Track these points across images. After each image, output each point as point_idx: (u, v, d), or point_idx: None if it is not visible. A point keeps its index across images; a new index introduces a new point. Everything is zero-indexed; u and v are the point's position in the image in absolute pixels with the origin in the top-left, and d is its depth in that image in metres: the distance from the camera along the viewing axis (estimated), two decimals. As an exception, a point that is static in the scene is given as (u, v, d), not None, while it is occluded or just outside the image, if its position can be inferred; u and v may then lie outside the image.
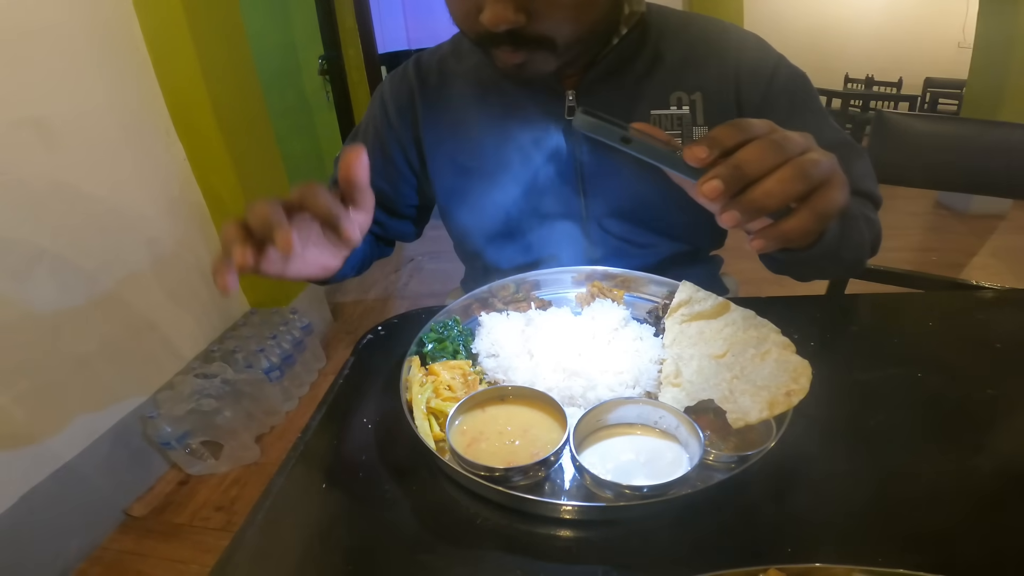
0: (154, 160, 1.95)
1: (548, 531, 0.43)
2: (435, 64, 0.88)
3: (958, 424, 0.52)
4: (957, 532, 0.41)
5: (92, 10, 1.76)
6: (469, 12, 0.65)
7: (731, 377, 0.51)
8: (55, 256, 1.59)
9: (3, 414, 1.45)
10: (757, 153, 0.43)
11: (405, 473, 0.49)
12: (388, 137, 0.89)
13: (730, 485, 0.44)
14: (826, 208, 0.45)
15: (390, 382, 0.56)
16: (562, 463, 0.48)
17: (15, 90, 1.53)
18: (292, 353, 2.19)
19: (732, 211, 0.44)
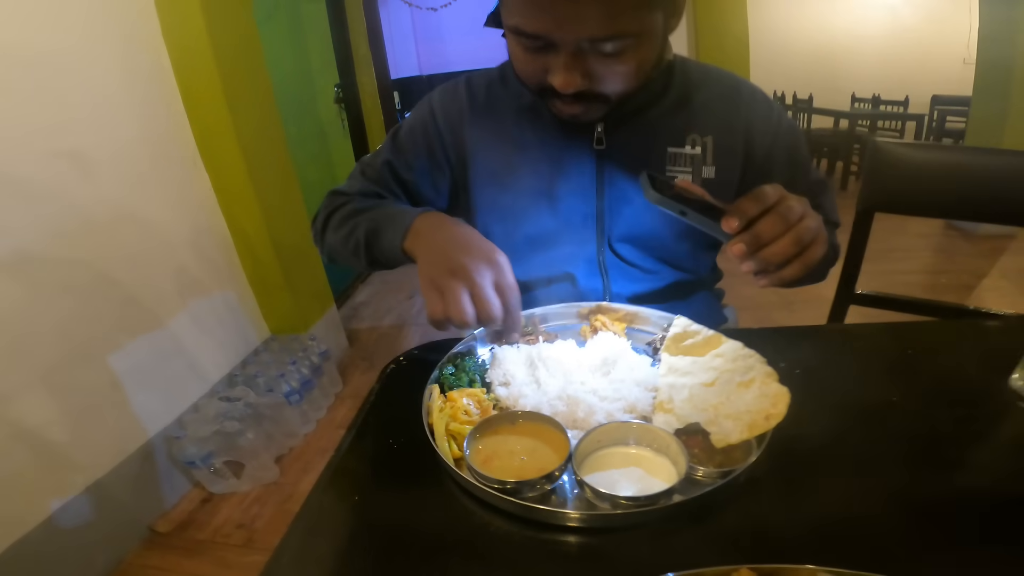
0: (182, 191, 2.05)
1: (552, 537, 0.50)
2: (484, 87, 0.98)
3: (926, 445, 0.58)
4: (920, 542, 0.47)
5: (125, 45, 1.85)
6: (536, 72, 0.76)
7: (717, 403, 0.57)
8: (89, 284, 1.69)
9: (41, 433, 1.53)
10: (769, 226, 0.59)
11: (427, 487, 0.56)
12: (436, 142, 0.97)
13: (714, 497, 0.50)
14: (810, 261, 0.61)
15: (413, 407, 0.63)
16: (565, 478, 0.54)
17: (54, 122, 1.62)
18: (311, 378, 2.27)
19: (750, 262, 0.60)
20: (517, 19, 0.71)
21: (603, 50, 0.70)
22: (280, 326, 2.48)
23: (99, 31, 1.77)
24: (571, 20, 0.67)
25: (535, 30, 0.70)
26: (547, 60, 0.73)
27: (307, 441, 2.21)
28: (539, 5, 0.67)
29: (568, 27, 0.68)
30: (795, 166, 0.94)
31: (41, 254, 1.55)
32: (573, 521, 0.50)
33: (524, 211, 0.94)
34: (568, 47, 0.70)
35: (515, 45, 0.76)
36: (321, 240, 0.99)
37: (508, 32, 0.75)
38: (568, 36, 0.69)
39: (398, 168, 0.96)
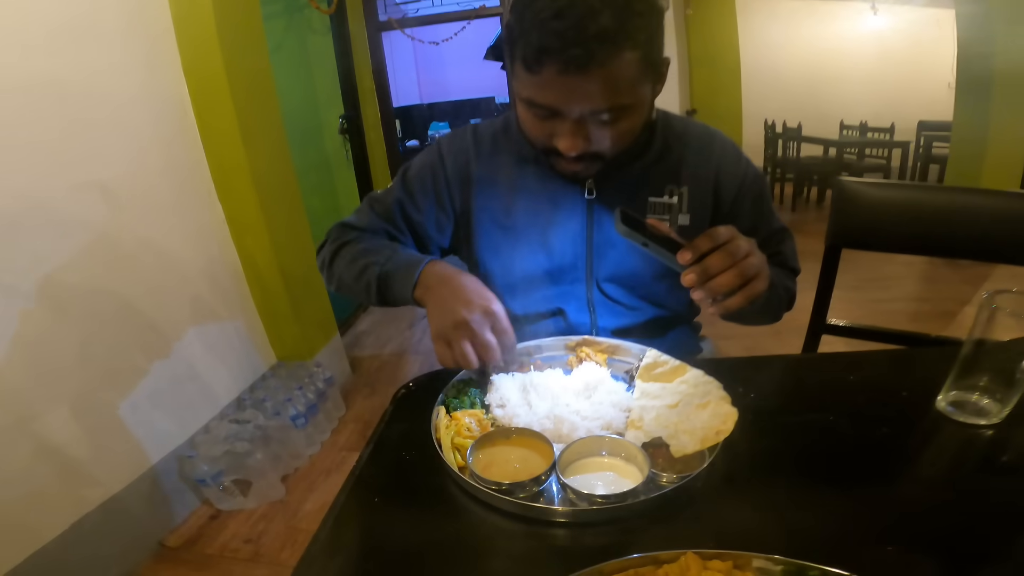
0: (198, 222, 2.15)
1: (539, 530, 0.60)
2: (489, 136, 1.08)
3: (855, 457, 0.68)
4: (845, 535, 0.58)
5: (149, 80, 1.96)
6: (543, 135, 0.88)
7: (678, 421, 0.69)
8: (113, 311, 1.79)
9: (64, 450, 1.62)
10: (717, 260, 0.70)
11: (436, 491, 0.67)
12: (442, 186, 1.07)
13: (673, 496, 0.61)
14: (752, 294, 0.73)
15: (422, 425, 0.73)
16: (551, 482, 0.65)
17: (85, 154, 1.72)
18: (316, 402, 2.37)
19: (699, 292, 0.72)
20: (529, 92, 0.82)
21: (602, 119, 0.83)
22: (286, 353, 2.57)
23: (126, 65, 1.88)
24: (577, 96, 0.79)
25: (545, 103, 0.82)
26: (553, 126, 0.85)
27: (312, 462, 2.30)
28: (550, 83, 0.79)
29: (574, 102, 0.80)
30: (759, 214, 1.05)
31: (71, 282, 1.65)
32: (557, 516, 0.61)
33: (521, 252, 1.05)
34: (573, 116, 0.82)
35: (525, 111, 0.87)
36: (329, 270, 1.07)
37: (520, 101, 0.87)
38: (574, 109, 0.81)
39: (407, 208, 1.07)
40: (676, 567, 0.51)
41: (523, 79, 0.82)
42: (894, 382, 0.83)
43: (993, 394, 0.71)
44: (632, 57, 0.77)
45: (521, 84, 0.84)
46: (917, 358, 0.93)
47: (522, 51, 0.79)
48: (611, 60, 0.76)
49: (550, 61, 0.76)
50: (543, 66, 0.77)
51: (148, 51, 1.98)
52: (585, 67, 0.75)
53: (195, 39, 2.08)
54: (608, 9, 0.74)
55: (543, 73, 0.78)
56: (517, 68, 0.82)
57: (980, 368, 0.71)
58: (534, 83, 0.80)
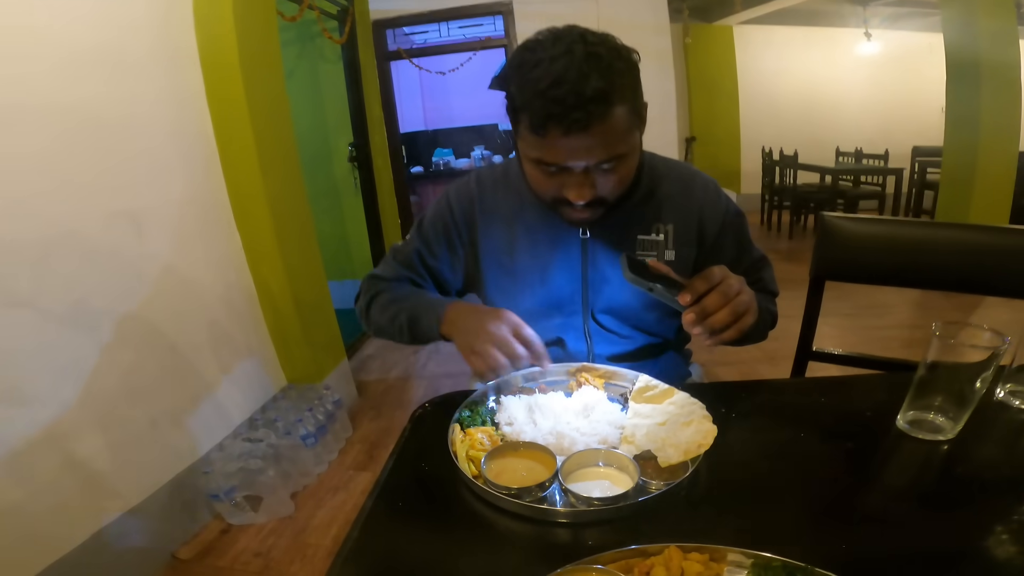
0: (217, 250, 2.25)
1: (544, 529, 0.70)
2: (491, 183, 1.18)
3: (820, 467, 0.78)
4: (809, 534, 0.67)
5: (177, 111, 2.07)
6: (552, 189, 0.98)
7: (665, 436, 0.78)
8: (139, 334, 1.89)
9: (89, 463, 1.70)
10: (713, 300, 0.81)
11: (452, 497, 0.76)
12: (453, 233, 1.18)
13: (660, 500, 0.70)
14: (743, 327, 0.84)
15: (439, 439, 0.83)
16: (555, 488, 0.75)
17: (118, 183, 1.82)
18: (325, 423, 2.46)
19: (698, 328, 0.82)
20: (538, 153, 0.92)
21: (604, 168, 0.93)
22: (297, 376, 2.67)
23: (156, 95, 2.00)
24: (581, 152, 0.90)
25: (554, 161, 0.92)
26: (561, 180, 0.95)
27: (320, 480, 2.38)
28: (556, 144, 0.89)
29: (579, 157, 0.91)
30: (740, 246, 1.16)
31: (100, 306, 1.76)
32: (559, 517, 0.70)
33: (523, 288, 1.15)
34: (578, 169, 0.93)
35: (533, 169, 0.97)
36: (367, 319, 1.20)
37: (527, 161, 0.97)
38: (580, 163, 0.92)
39: (426, 257, 1.18)
40: (661, 558, 0.60)
41: (531, 142, 0.92)
42: (860, 403, 0.93)
43: (946, 413, 0.81)
44: (622, 111, 0.88)
45: (529, 146, 0.93)
46: (882, 382, 1.03)
47: (529, 119, 0.88)
48: (606, 117, 0.86)
49: (555, 125, 0.85)
50: (549, 131, 0.87)
51: (176, 81, 2.10)
52: (586, 127, 0.85)
53: (219, 69, 2.20)
54: (595, 72, 0.83)
55: (549, 136, 0.87)
56: (524, 132, 0.92)
57: (934, 390, 0.81)
58: (542, 145, 0.90)
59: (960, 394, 0.79)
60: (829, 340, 1.41)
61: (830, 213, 1.40)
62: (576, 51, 0.85)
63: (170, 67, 2.09)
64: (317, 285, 2.71)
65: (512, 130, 0.99)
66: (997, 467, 0.78)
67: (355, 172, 4.18)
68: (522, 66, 0.89)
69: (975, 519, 0.67)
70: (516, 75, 0.90)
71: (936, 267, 1.31)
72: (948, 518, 0.68)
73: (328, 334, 2.86)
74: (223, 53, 2.19)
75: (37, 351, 1.58)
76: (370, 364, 3.59)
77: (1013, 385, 0.89)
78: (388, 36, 4.56)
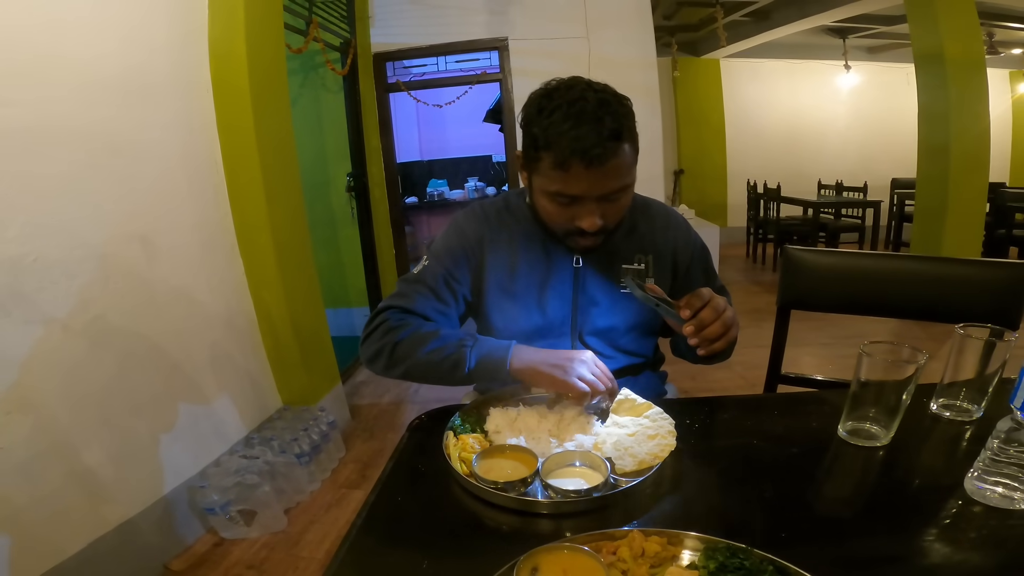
0: (220, 275, 2.33)
1: (527, 519, 0.80)
2: (495, 213, 1.28)
3: (768, 469, 0.89)
4: (756, 523, 0.77)
5: (190, 136, 2.17)
6: (565, 220, 1.10)
7: (628, 446, 0.89)
8: (145, 352, 1.97)
9: (91, 473, 1.76)
10: (708, 314, 0.97)
11: (444, 492, 0.87)
12: (470, 254, 1.25)
13: (627, 494, 0.81)
14: (731, 337, 1.01)
15: (433, 445, 0.94)
16: (536, 483, 0.85)
17: (133, 208, 1.91)
18: (319, 443, 2.52)
19: (695, 339, 0.97)
20: (558, 187, 1.05)
21: (611, 198, 1.07)
22: (293, 398, 2.74)
23: (171, 122, 2.10)
24: (598, 183, 1.04)
25: (574, 192, 1.05)
26: (574, 211, 1.08)
27: (313, 497, 2.44)
28: (577, 177, 1.02)
29: (596, 188, 1.04)
30: (707, 275, 1.30)
31: (111, 324, 1.84)
32: (540, 508, 0.81)
33: (521, 310, 1.26)
34: (592, 200, 1.06)
35: (549, 203, 1.10)
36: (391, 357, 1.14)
37: (545, 194, 1.09)
38: (594, 193, 1.05)
39: (451, 280, 1.24)
40: (626, 541, 0.70)
41: (552, 177, 1.04)
42: (808, 416, 1.06)
43: (879, 422, 0.92)
44: (628, 147, 1.04)
45: (550, 181, 1.06)
46: (829, 397, 1.14)
47: (553, 157, 1.01)
48: (619, 152, 1.02)
49: (577, 161, 1.00)
50: (572, 166, 1.00)
51: (189, 109, 2.20)
52: (604, 161, 1.00)
53: (230, 99, 2.30)
54: (607, 115, 1.00)
55: (572, 171, 1.01)
56: (544, 170, 1.05)
57: (866, 403, 0.92)
58: (564, 179, 1.03)
59: (889, 405, 0.90)
60: (808, 368, 1.53)
61: (792, 246, 1.51)
62: (589, 97, 1.01)
63: (185, 95, 2.18)
64: (315, 312, 2.80)
65: (526, 168, 1.12)
66: (930, 471, 0.90)
67: (352, 202, 4.25)
68: (542, 112, 1.03)
69: (908, 516, 0.77)
70: (538, 119, 1.04)
71: (891, 295, 1.43)
72: (883, 515, 0.78)
73: (324, 359, 2.93)
74: (235, 83, 2.29)
75: (50, 364, 1.66)
76: (363, 389, 3.67)
77: (945, 399, 1.01)
78: (388, 68, 4.69)
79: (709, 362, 1.22)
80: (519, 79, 4.40)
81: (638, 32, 4.45)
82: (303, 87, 4.09)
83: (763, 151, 8.13)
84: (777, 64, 7.99)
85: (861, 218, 6.09)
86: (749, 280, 6.15)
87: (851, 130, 8.18)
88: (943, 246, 4.41)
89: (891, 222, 6.44)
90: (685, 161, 8.14)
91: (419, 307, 1.20)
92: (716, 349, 0.99)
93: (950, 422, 0.99)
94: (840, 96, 8.13)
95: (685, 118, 8.11)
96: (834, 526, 0.77)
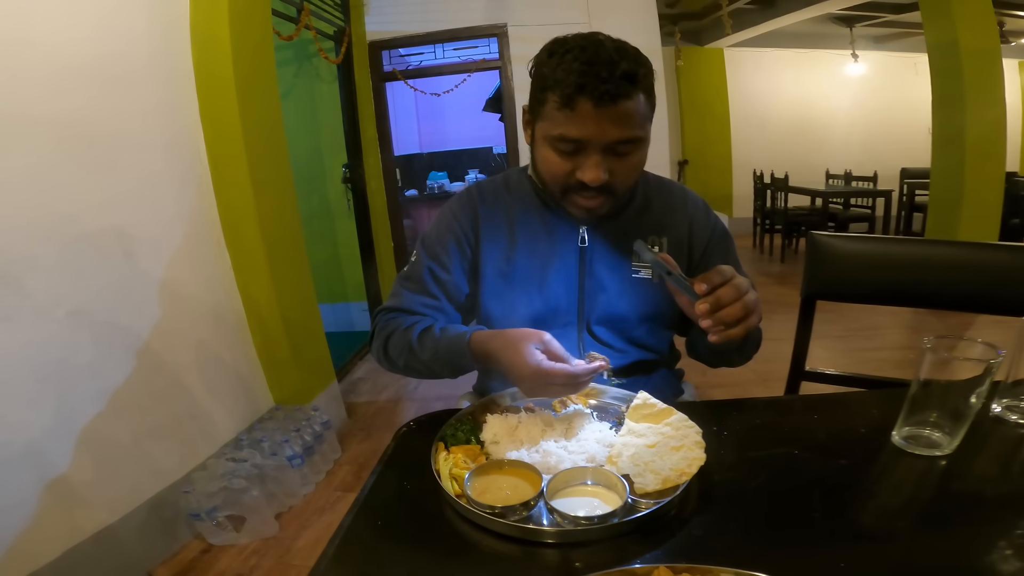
0: (205, 269, 2.23)
1: (530, 549, 0.67)
2: (491, 192, 1.19)
3: (815, 485, 0.75)
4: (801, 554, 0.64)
5: (170, 125, 2.07)
6: (566, 172, 1.00)
7: (649, 460, 0.76)
8: (124, 349, 1.87)
9: (66, 478, 1.67)
10: (727, 292, 0.83)
11: (434, 515, 0.73)
12: (462, 240, 1.16)
13: (649, 519, 0.67)
14: (750, 326, 0.85)
15: (422, 458, 0.80)
16: (541, 506, 0.72)
17: (106, 198, 1.81)
18: (312, 444, 2.42)
19: (708, 320, 0.83)
20: (562, 129, 0.95)
21: (620, 151, 0.96)
22: (285, 397, 2.64)
23: (150, 110, 2.00)
24: (607, 125, 0.93)
25: (579, 135, 0.94)
26: (577, 161, 0.97)
27: (306, 501, 2.33)
28: (584, 116, 0.92)
29: (603, 132, 0.94)
30: (726, 257, 1.17)
31: (87, 321, 1.74)
32: (545, 537, 0.67)
33: (520, 297, 1.14)
34: (598, 148, 0.95)
35: (551, 152, 1.00)
36: (387, 360, 1.13)
37: (547, 141, 0.99)
38: (600, 139, 0.94)
39: (437, 272, 1.15)
40: (648, 579, 0.58)
41: (556, 119, 0.95)
42: (853, 420, 0.91)
43: (942, 428, 0.79)
44: (643, 98, 0.95)
45: (554, 124, 0.96)
46: (874, 399, 1.01)
47: (559, 92, 0.93)
48: (632, 95, 0.93)
49: (586, 97, 0.91)
50: (579, 103, 0.91)
51: (170, 97, 2.10)
52: (615, 100, 0.91)
53: (214, 86, 2.21)
54: (624, 60, 0.92)
55: (579, 109, 0.92)
56: (549, 111, 0.96)
57: (928, 406, 0.79)
58: (569, 119, 0.94)
59: (955, 409, 0.77)
60: (821, 362, 1.40)
61: (819, 232, 1.39)
62: (606, 43, 0.94)
63: (165, 83, 2.09)
64: (307, 307, 2.69)
65: (531, 121, 1.04)
66: (995, 483, 0.77)
67: (348, 194, 4.15)
68: (553, 54, 0.96)
69: (974, 535, 0.65)
70: (548, 61, 0.96)
71: (928, 284, 1.31)
72: (947, 535, 0.66)
73: (318, 356, 2.83)
74: (218, 70, 2.20)
75: (19, 363, 1.56)
76: (361, 386, 3.56)
77: (1009, 400, 0.88)
78: (384, 57, 4.58)
79: (726, 362, 1.12)
80: (519, 67, 4.29)
81: (641, 19, 4.35)
82: (297, 77, 3.99)
83: (769, 141, 8.05)
84: (783, 53, 7.92)
85: (871, 208, 5.98)
86: (757, 271, 6.04)
87: (858, 120, 8.13)
88: (959, 236, 4.31)
89: (900, 212, 6.34)
90: (689, 151, 8.06)
91: (408, 304, 1.15)
92: (732, 336, 0.84)
93: (1016, 425, 0.86)
94: (847, 86, 8.05)
95: (689, 108, 8.03)
96: (902, 555, 0.64)
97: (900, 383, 1.26)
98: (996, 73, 4.18)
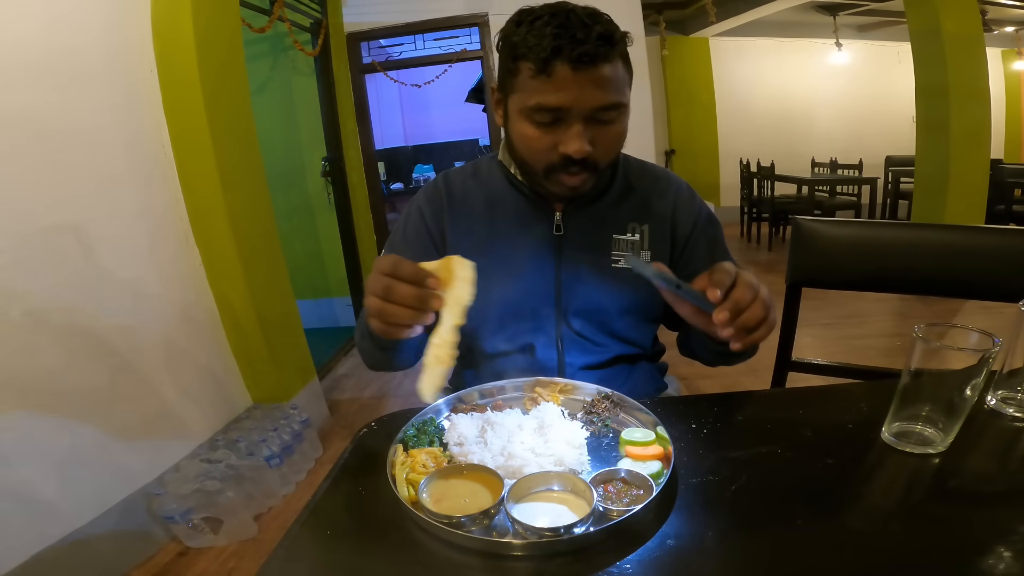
0: (174, 267, 2.17)
1: (491, 562, 0.61)
2: (459, 181, 1.13)
3: (800, 486, 0.70)
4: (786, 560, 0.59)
5: (130, 120, 2.00)
6: (547, 148, 0.93)
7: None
8: (86, 350, 1.80)
9: (29, 483, 1.62)
10: (742, 293, 0.73)
11: (389, 525, 0.67)
12: (424, 235, 1.10)
13: (619, 528, 0.62)
14: (772, 323, 0.77)
15: (380, 462, 0.74)
16: (503, 516, 0.65)
17: (62, 196, 1.74)
18: (291, 443, 2.36)
19: (729, 328, 0.73)
20: (540, 98, 0.89)
21: (602, 119, 0.90)
22: (263, 396, 2.57)
23: (108, 105, 1.93)
24: (587, 91, 0.87)
25: (557, 103, 0.88)
26: (557, 134, 0.91)
27: (287, 501, 2.28)
28: (562, 82, 0.87)
29: (582, 98, 0.88)
30: (715, 251, 1.10)
31: (44, 321, 1.67)
32: (505, 549, 0.62)
33: (493, 289, 1.06)
34: (579, 117, 0.89)
35: (526, 125, 0.94)
36: (361, 354, 1.11)
37: (523, 114, 0.93)
38: (582, 106, 0.88)
39: None
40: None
41: (531, 87, 0.89)
42: (840, 415, 0.85)
43: (935, 423, 0.74)
44: (621, 63, 0.91)
45: (528, 94, 0.90)
46: (862, 392, 0.96)
47: (533, 59, 0.87)
48: (610, 58, 0.88)
49: (562, 61, 0.86)
50: (556, 68, 0.86)
51: (131, 92, 2.02)
52: (594, 62, 0.86)
53: (177, 80, 2.13)
54: (597, 24, 0.87)
55: (556, 73, 0.87)
56: (523, 82, 0.91)
57: (920, 399, 0.74)
58: (545, 86, 0.88)
59: (949, 402, 0.72)
60: (807, 351, 1.35)
61: (804, 217, 1.34)
62: (577, 9, 0.89)
63: (125, 77, 2.02)
64: (283, 303, 2.62)
65: (501, 98, 0.99)
66: (992, 480, 0.72)
67: (329, 187, 4.07)
68: (522, 22, 0.91)
69: (971, 539, 0.60)
70: (516, 29, 0.91)
71: (916, 269, 1.26)
72: (941, 539, 0.61)
73: (296, 353, 2.76)
74: (182, 63, 2.13)
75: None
76: (344, 383, 3.49)
77: (1005, 391, 0.83)
78: (363, 49, 4.50)
79: (734, 360, 1.05)
80: (501, 56, 4.21)
81: (625, 7, 4.28)
82: (273, 70, 3.91)
83: (755, 130, 8.06)
84: (767, 43, 7.94)
85: (857, 195, 5.98)
86: (745, 260, 6.01)
87: (843, 108, 8.17)
88: (945, 222, 4.26)
89: (886, 199, 6.34)
90: (676, 141, 8.04)
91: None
92: (756, 340, 0.76)
93: (1013, 419, 0.81)
94: (831, 74, 8.08)
95: (675, 98, 7.99)
96: (894, 557, 0.58)
97: (889, 372, 1.23)
98: (979, 60, 4.18)
